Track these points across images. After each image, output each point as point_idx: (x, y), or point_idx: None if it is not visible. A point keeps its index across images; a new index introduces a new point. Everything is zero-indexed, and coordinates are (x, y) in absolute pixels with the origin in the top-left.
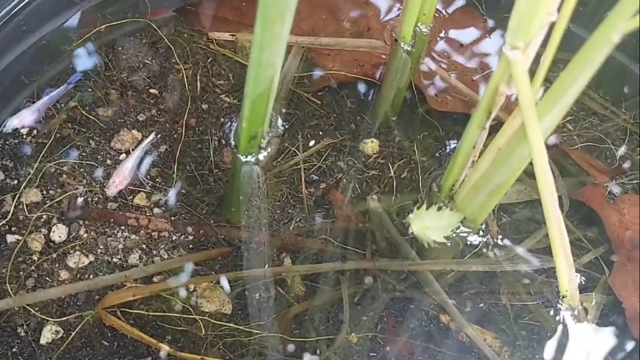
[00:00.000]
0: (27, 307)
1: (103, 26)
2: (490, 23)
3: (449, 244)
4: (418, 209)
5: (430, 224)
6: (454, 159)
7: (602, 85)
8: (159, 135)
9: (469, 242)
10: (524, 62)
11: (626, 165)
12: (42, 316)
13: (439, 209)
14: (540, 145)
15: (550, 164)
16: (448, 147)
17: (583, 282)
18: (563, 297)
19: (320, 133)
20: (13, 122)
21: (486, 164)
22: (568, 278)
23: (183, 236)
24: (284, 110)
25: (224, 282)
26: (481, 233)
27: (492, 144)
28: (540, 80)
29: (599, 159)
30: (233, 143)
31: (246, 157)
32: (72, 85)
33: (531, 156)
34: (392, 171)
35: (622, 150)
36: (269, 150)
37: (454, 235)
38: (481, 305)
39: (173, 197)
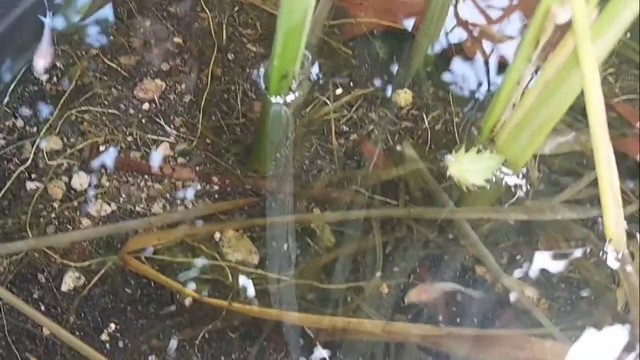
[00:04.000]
0: (48, 252)
1: None
2: None
3: (488, 187)
4: (456, 152)
5: (469, 167)
6: (497, 97)
7: None
8: (183, 85)
9: (507, 190)
10: None
11: None
12: (64, 261)
13: (479, 151)
14: (593, 70)
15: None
16: (485, 95)
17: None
18: (609, 240)
19: (351, 84)
20: (39, 63)
21: (531, 100)
22: (615, 220)
23: (208, 186)
24: (315, 60)
25: (250, 231)
26: (521, 177)
27: (539, 78)
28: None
29: None
30: (263, 85)
31: (276, 97)
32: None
33: (582, 83)
34: (426, 122)
35: None
36: (298, 93)
37: (494, 179)
38: (518, 256)
39: (198, 146)
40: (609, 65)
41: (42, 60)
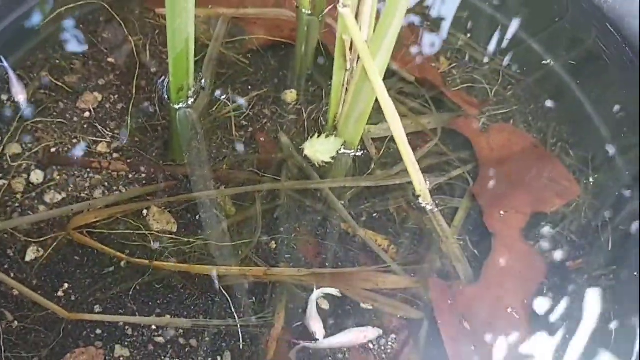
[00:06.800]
0: (14, 232)
1: (63, 8)
2: None
3: (333, 162)
4: (311, 138)
5: (319, 148)
6: (331, 95)
7: (480, 38)
8: (116, 96)
9: (356, 164)
10: (352, 16)
11: (498, 100)
12: (26, 238)
13: (327, 136)
14: (378, 79)
15: (428, 102)
16: None
17: (453, 192)
18: (418, 196)
19: (249, 87)
20: (21, 98)
21: (350, 97)
22: (418, 181)
23: (137, 174)
24: (217, 71)
25: (170, 207)
26: (360, 153)
27: (351, 82)
28: (366, 29)
29: (475, 96)
30: (167, 96)
31: (177, 105)
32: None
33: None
34: (305, 115)
35: (495, 88)
36: (195, 99)
37: (337, 156)
38: (374, 215)
39: (128, 144)
40: (453, 61)
41: (21, 96)
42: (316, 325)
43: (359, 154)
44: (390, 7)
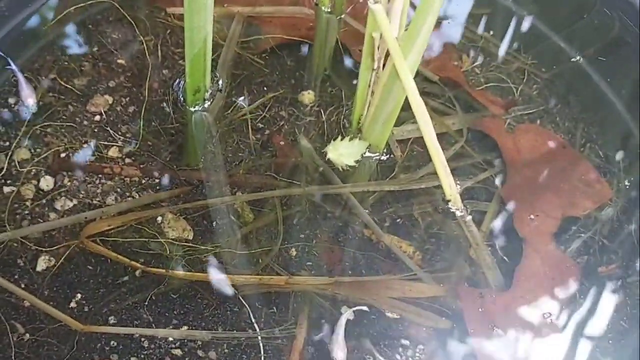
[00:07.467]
0: (24, 241)
1: (71, 8)
2: None
3: (357, 166)
4: (334, 140)
5: (343, 152)
6: (356, 97)
7: (503, 36)
8: (127, 98)
9: (379, 168)
10: (383, 12)
11: (524, 99)
12: (37, 247)
13: (351, 139)
14: (409, 80)
15: (452, 102)
16: None
17: (479, 195)
18: (448, 201)
19: (265, 88)
20: (30, 101)
21: (377, 98)
22: (449, 185)
23: (150, 180)
24: (232, 71)
25: (186, 213)
26: (385, 157)
27: (379, 82)
28: (397, 26)
29: (500, 96)
30: (182, 98)
31: (194, 107)
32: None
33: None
34: (324, 117)
35: (520, 87)
36: (212, 101)
37: (362, 159)
38: (398, 220)
39: (141, 148)
40: (475, 60)
41: (30, 99)
42: (339, 353)
43: (383, 157)
44: (424, 2)
